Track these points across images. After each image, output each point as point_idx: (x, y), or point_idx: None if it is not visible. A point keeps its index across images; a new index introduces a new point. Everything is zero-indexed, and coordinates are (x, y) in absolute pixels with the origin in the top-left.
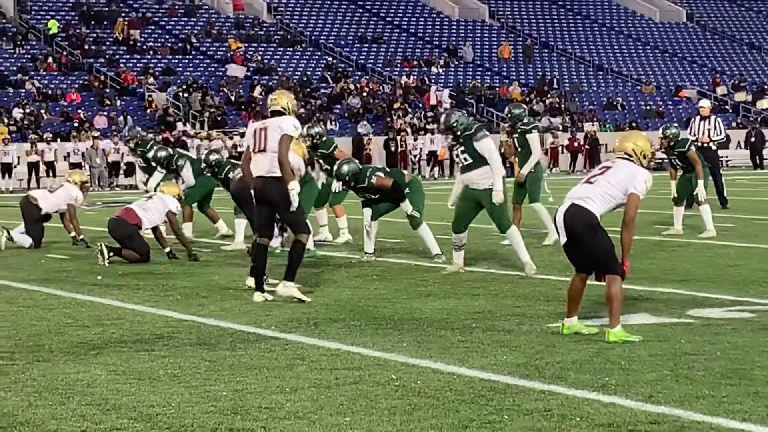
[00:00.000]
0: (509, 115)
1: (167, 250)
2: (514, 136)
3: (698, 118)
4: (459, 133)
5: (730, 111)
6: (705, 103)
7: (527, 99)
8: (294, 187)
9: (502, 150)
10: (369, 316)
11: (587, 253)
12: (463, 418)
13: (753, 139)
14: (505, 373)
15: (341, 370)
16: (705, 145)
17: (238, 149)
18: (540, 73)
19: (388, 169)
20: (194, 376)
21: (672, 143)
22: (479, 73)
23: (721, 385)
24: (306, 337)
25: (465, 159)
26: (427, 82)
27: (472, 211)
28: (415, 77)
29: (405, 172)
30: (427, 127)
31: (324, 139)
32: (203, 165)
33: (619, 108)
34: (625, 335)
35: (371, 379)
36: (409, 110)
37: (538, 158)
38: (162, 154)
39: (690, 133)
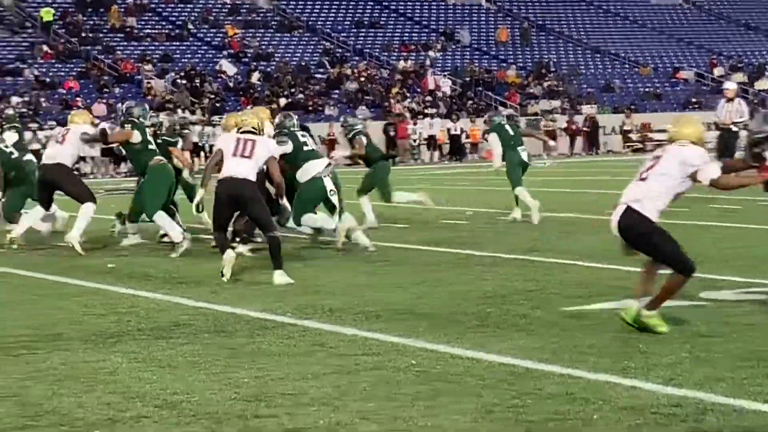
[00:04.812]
0: None
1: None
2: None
3: (723, 100)
4: None
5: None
6: (730, 86)
7: (525, 82)
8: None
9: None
10: (383, 302)
11: (650, 256)
12: (486, 402)
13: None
14: (524, 358)
15: (361, 356)
16: (727, 126)
17: None
18: (537, 57)
19: None
20: (214, 364)
21: None
22: (477, 56)
23: (740, 367)
24: (323, 324)
25: None
26: (425, 67)
27: None
28: (413, 61)
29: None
30: (426, 111)
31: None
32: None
33: (617, 90)
34: (658, 322)
35: (391, 364)
36: (408, 95)
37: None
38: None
39: (717, 116)
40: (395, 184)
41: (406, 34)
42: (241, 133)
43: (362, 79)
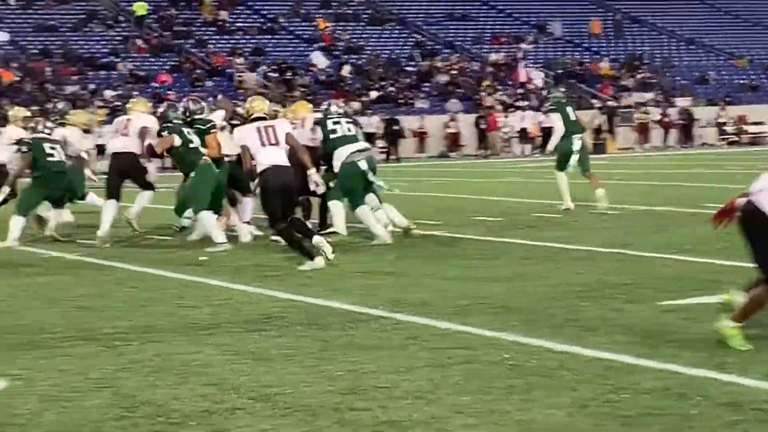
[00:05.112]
0: None
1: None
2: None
3: None
4: None
5: None
6: None
7: (618, 74)
8: (313, 173)
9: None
10: (476, 296)
11: (752, 253)
12: (581, 397)
13: None
14: (620, 352)
15: (454, 350)
16: None
17: None
18: (630, 48)
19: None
20: (308, 357)
21: None
22: (569, 48)
23: None
24: (416, 317)
25: None
26: (516, 59)
27: None
28: (504, 54)
29: None
30: (517, 104)
31: None
32: None
33: (712, 82)
34: (738, 341)
35: (485, 358)
36: (499, 87)
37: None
38: None
39: None
40: (485, 177)
41: (498, 27)
42: (254, 120)
43: (453, 72)
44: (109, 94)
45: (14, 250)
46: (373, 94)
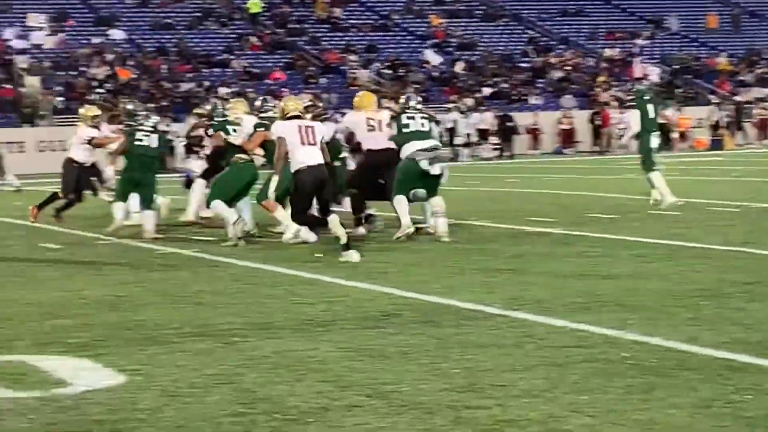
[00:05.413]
0: None
1: None
2: None
3: None
4: None
5: None
6: None
7: (736, 69)
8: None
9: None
10: (592, 293)
11: None
12: (703, 397)
13: None
14: (741, 352)
15: (571, 348)
16: None
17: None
18: (749, 43)
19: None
20: (424, 354)
21: None
22: (685, 44)
23: None
24: (531, 315)
25: None
26: (632, 55)
27: None
28: (619, 50)
29: None
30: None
31: None
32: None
33: None
34: None
35: (602, 357)
36: (614, 83)
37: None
38: None
39: None
40: (600, 173)
41: (613, 22)
42: (291, 119)
43: (567, 68)
44: (223, 91)
45: (131, 246)
46: (486, 91)
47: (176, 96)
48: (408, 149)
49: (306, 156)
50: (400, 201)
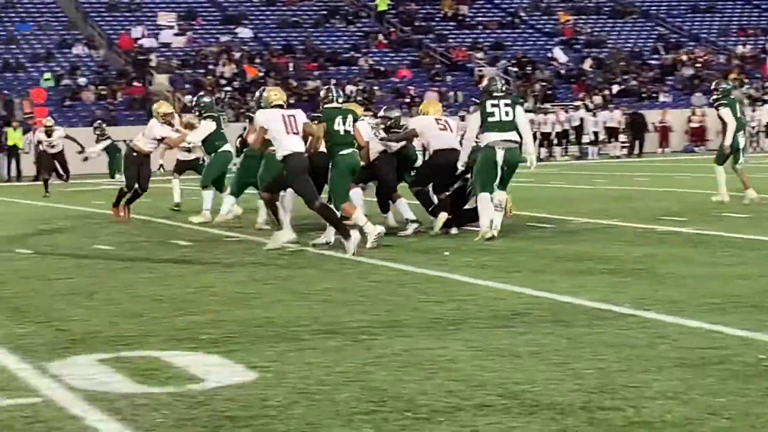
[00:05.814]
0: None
1: None
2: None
3: None
4: None
5: None
6: None
7: None
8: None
9: None
10: (726, 294)
11: None
12: None
13: None
14: None
15: (705, 350)
16: None
17: (565, 125)
18: None
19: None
20: (555, 354)
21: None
22: None
23: None
24: (663, 315)
25: None
26: (765, 51)
27: None
28: (752, 46)
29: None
30: (765, 97)
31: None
32: None
33: None
34: None
35: (738, 359)
36: (746, 81)
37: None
38: None
39: None
40: (731, 172)
41: (745, 18)
42: (275, 107)
43: (698, 65)
44: (350, 89)
45: (258, 243)
46: (615, 88)
47: (302, 94)
48: (488, 137)
49: (292, 143)
50: (484, 200)
